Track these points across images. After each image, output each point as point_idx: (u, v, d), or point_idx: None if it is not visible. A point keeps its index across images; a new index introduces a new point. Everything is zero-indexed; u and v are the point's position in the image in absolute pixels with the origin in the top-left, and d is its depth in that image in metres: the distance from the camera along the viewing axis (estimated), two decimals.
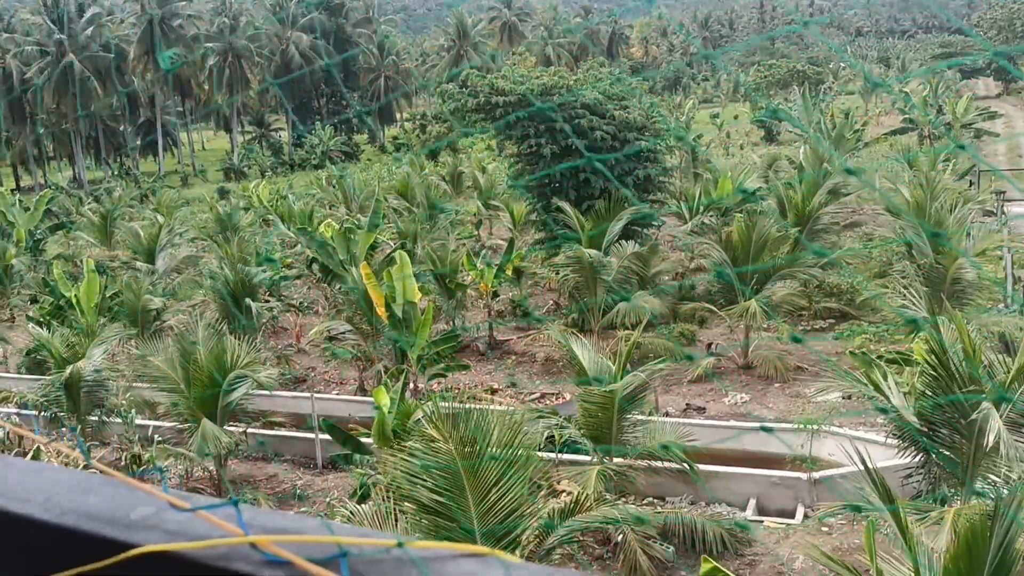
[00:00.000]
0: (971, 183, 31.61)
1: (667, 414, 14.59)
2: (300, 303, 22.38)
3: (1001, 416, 8.20)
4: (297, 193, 38.49)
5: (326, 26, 69.87)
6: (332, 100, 74.03)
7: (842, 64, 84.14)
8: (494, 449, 7.66)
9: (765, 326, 17.67)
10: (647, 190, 21.95)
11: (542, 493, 8.83)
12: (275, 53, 68.01)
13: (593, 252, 16.95)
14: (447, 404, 9.08)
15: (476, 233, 29.83)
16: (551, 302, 22.03)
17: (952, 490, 8.57)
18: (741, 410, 15.08)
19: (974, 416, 7.63)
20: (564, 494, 10.16)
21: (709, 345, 18.20)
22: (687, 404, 15.51)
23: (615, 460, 10.86)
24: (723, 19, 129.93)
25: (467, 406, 8.60)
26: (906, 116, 40.31)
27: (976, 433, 7.95)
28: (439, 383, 16.80)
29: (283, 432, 15.07)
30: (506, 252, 19.75)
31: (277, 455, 14.50)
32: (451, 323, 19.37)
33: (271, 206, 33.06)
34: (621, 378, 10.55)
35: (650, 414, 13.17)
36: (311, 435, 14.31)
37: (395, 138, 67.29)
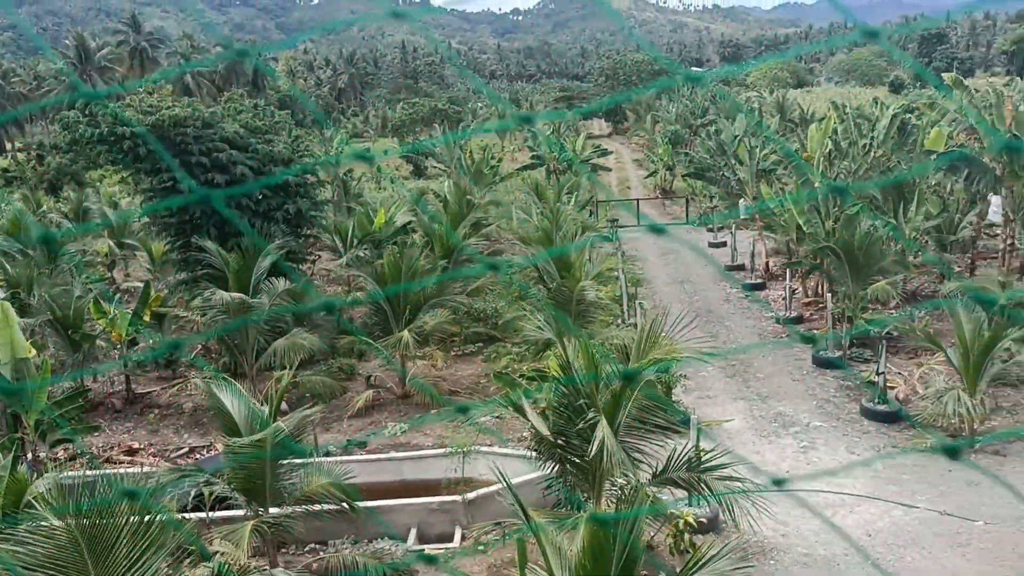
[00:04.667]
0: (591, 212, 35.66)
1: (328, 453, 14.28)
2: None
3: (618, 423, 9.18)
4: None
5: None
6: None
7: (480, 104, 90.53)
8: (125, 520, 6.83)
9: (420, 354, 18.18)
10: (299, 225, 21.50)
11: (187, 561, 8.05)
12: None
13: (234, 294, 16.08)
14: (69, 474, 7.92)
15: (109, 276, 26.96)
16: (200, 346, 20.59)
17: (585, 495, 9.39)
18: (401, 440, 15.27)
19: (595, 428, 8.41)
20: (217, 555, 9.42)
21: (368, 378, 18.24)
22: (348, 440, 15.33)
23: (272, 510, 10.33)
24: (368, 57, 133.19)
25: (95, 472, 7.59)
26: (535, 152, 44.32)
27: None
28: (65, 449, 14.77)
29: None
30: (142, 296, 18.06)
31: None
32: (81, 380, 17.20)
33: None
34: (273, 422, 10.07)
35: (310, 455, 12.81)
36: None
37: (5, 170, 58.78)
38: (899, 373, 16.81)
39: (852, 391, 16.42)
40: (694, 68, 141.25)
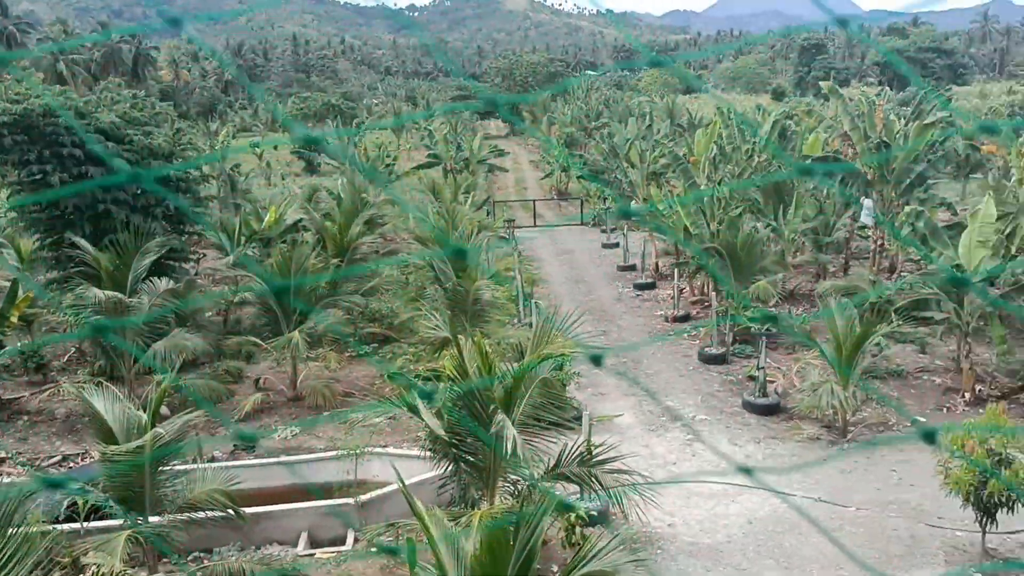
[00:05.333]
0: (488, 212, 35.79)
1: (213, 459, 13.79)
2: None
3: (513, 419, 9.23)
4: None
5: None
6: None
7: (375, 101, 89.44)
8: None
9: (313, 356, 17.80)
10: (181, 222, 20.66)
11: (57, 574, 7.60)
12: None
13: (108, 292, 15.32)
14: None
15: None
16: (73, 349, 19.51)
17: (480, 493, 9.40)
18: (292, 443, 14.89)
19: (494, 428, 8.43)
20: (91, 568, 8.94)
21: (257, 380, 17.70)
22: (235, 445, 14.83)
23: (152, 519, 9.89)
24: (257, 48, 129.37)
25: None
26: (431, 152, 44.13)
27: (495, 439, 8.81)
28: None
29: None
30: (8, 296, 16.94)
31: None
32: None
33: None
34: (152, 428, 9.65)
35: (194, 461, 12.33)
36: None
37: None
38: (778, 368, 17.58)
39: (735, 385, 17.07)
40: (588, 71, 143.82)
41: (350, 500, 11.33)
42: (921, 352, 17.86)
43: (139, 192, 18.33)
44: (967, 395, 15.60)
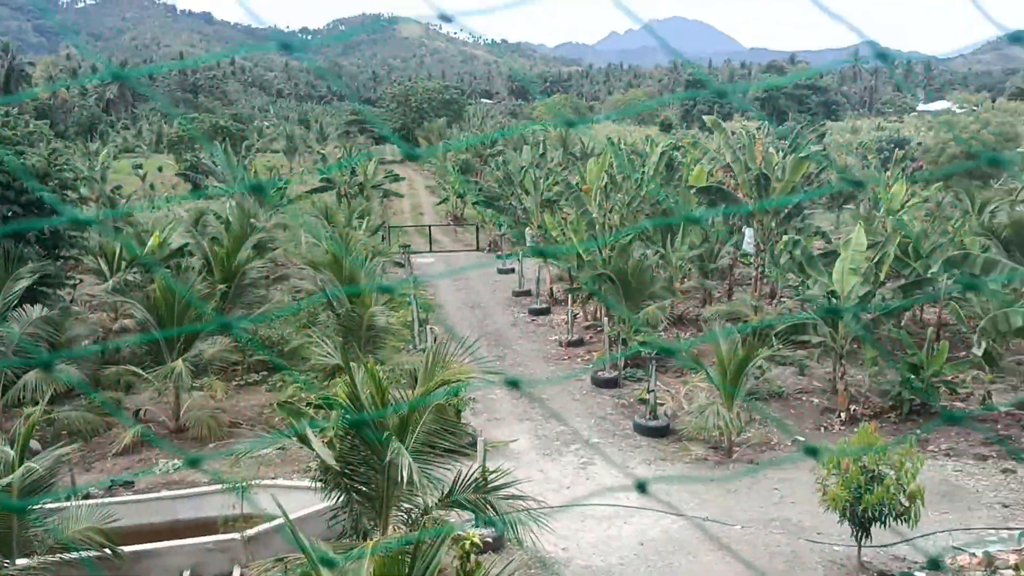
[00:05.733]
0: (383, 238, 35.50)
1: (88, 496, 13.02)
2: None
3: (407, 447, 9.13)
4: None
5: None
6: None
7: (266, 123, 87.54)
8: None
9: (198, 385, 17.12)
10: (56, 246, 19.60)
11: None
12: None
13: None
14: None
15: None
16: None
17: (372, 523, 9.22)
18: (175, 477, 14.24)
19: (388, 456, 8.30)
20: None
21: (137, 412, 16.88)
22: (112, 480, 14.07)
23: (20, 561, 9.25)
24: (142, 67, 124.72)
25: None
26: (324, 176, 43.49)
27: (388, 467, 8.68)
28: None
29: None
30: None
31: None
32: None
33: None
34: (20, 463, 9.05)
35: (67, 499, 11.62)
36: None
37: None
38: (667, 390, 18.08)
39: (626, 408, 17.44)
40: (484, 100, 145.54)
41: (236, 535, 10.90)
42: (800, 374, 18.74)
43: (9, 215, 17.30)
44: (843, 415, 16.44)
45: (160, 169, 58.14)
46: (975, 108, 74.18)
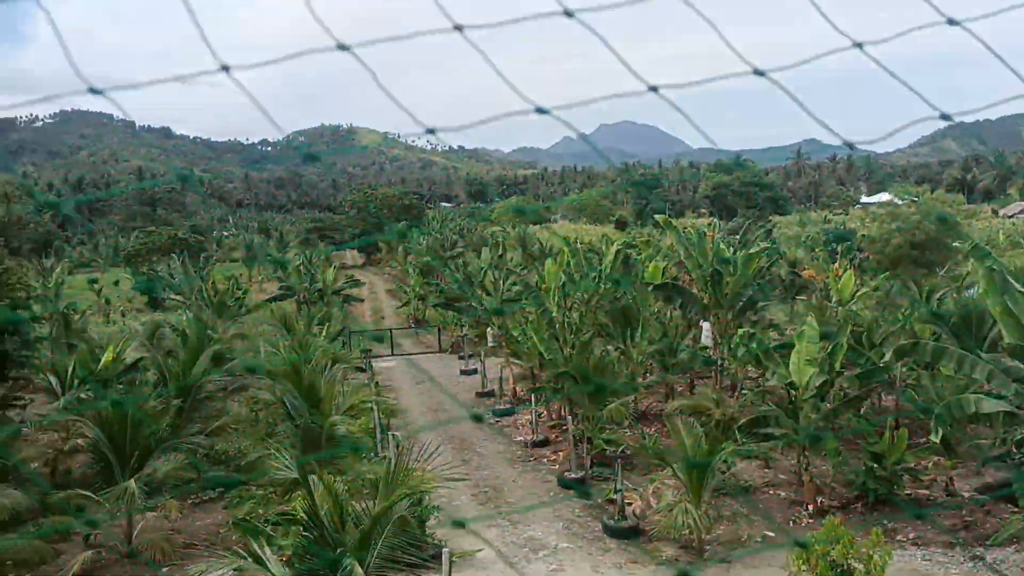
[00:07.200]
0: (344, 343, 35.25)
1: None
2: None
3: (369, 563, 8.86)
4: None
5: None
6: None
7: (225, 233, 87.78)
8: None
9: (152, 505, 16.50)
10: (4, 366, 19.12)
11: None
12: None
13: None
14: None
15: None
16: None
17: None
18: None
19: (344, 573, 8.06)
20: None
21: (87, 537, 16.14)
22: None
23: None
24: (100, 182, 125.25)
25: None
26: (283, 283, 43.46)
27: None
28: None
29: None
30: None
31: None
32: None
33: None
34: None
35: None
36: None
37: None
38: (635, 489, 17.86)
39: (595, 509, 17.15)
40: (443, 204, 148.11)
41: None
42: (766, 467, 18.69)
43: None
44: (810, 507, 16.35)
45: (116, 283, 57.61)
46: (915, 199, 77.35)
